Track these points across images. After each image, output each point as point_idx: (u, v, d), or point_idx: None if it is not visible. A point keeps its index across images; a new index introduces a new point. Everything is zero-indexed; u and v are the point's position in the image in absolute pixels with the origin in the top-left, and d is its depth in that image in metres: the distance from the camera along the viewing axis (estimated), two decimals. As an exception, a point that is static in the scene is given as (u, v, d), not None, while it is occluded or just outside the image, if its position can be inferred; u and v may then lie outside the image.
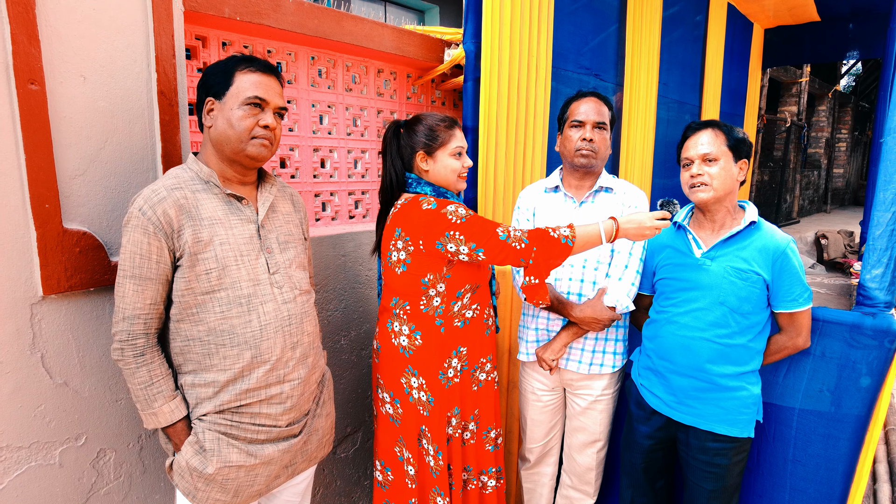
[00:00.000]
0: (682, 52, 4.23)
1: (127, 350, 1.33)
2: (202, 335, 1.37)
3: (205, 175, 1.39)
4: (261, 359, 1.41)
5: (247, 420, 1.42)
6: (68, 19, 1.38)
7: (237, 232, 1.40)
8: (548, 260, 1.62)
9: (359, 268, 2.31)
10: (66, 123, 1.40)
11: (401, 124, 1.80)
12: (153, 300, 1.35)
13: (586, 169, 1.95)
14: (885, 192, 1.76)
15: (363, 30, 2.21)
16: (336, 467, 2.37)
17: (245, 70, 1.37)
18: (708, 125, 1.75)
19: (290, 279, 1.50)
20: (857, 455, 1.81)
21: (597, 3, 3.18)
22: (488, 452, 1.88)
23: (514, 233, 1.61)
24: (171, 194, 1.32)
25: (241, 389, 1.40)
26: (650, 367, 1.87)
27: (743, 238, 1.73)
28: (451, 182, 1.77)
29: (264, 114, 1.39)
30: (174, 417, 1.38)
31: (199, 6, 1.69)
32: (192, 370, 1.40)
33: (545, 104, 2.72)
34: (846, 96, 14.16)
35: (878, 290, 1.77)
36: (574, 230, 1.63)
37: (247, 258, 1.40)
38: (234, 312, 1.38)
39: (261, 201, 1.48)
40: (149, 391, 1.35)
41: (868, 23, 5.06)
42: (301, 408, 1.53)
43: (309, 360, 1.53)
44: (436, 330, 1.72)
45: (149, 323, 1.36)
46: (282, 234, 1.51)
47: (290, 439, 1.51)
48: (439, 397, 1.74)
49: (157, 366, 1.37)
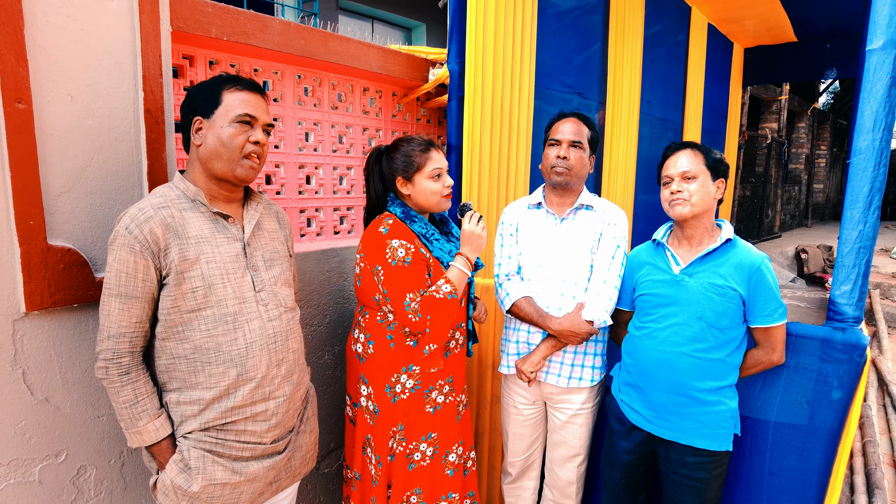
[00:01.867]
0: (665, 71, 4.32)
1: (112, 368, 1.33)
2: (188, 353, 1.38)
3: (191, 193, 1.40)
4: (246, 376, 1.42)
5: (232, 437, 1.43)
6: (56, 39, 1.40)
7: (223, 250, 1.41)
8: (443, 323, 1.71)
9: (343, 283, 2.33)
10: (52, 141, 1.42)
11: (382, 150, 1.87)
12: (139, 318, 1.35)
13: (563, 186, 2.00)
14: (853, 210, 1.81)
15: (349, 49, 2.25)
16: (319, 483, 2.36)
17: (232, 89, 1.39)
18: (687, 146, 1.82)
19: (276, 297, 1.51)
20: (830, 467, 1.85)
21: (580, 23, 3.25)
22: (447, 477, 1.87)
23: (413, 305, 1.68)
24: (158, 213, 1.33)
25: (227, 407, 1.40)
26: (630, 382, 1.90)
27: (720, 255, 1.77)
28: (434, 203, 1.82)
29: (254, 130, 1.41)
30: (159, 436, 1.38)
31: (187, 26, 1.72)
32: (177, 388, 1.40)
33: (528, 122, 2.77)
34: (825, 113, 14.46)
35: (847, 306, 1.82)
36: (450, 281, 1.73)
37: (233, 276, 1.41)
38: (220, 330, 1.38)
39: (247, 219, 1.50)
40: (133, 410, 1.35)
41: (844, 43, 5.22)
42: (286, 425, 1.53)
43: (294, 377, 1.54)
44: (386, 344, 1.78)
45: (134, 341, 1.36)
46: (267, 252, 1.52)
47: (275, 456, 1.52)
48: (384, 410, 1.78)
49: (142, 384, 1.37)
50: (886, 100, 1.77)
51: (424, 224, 1.81)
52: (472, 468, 1.98)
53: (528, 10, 2.71)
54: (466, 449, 1.95)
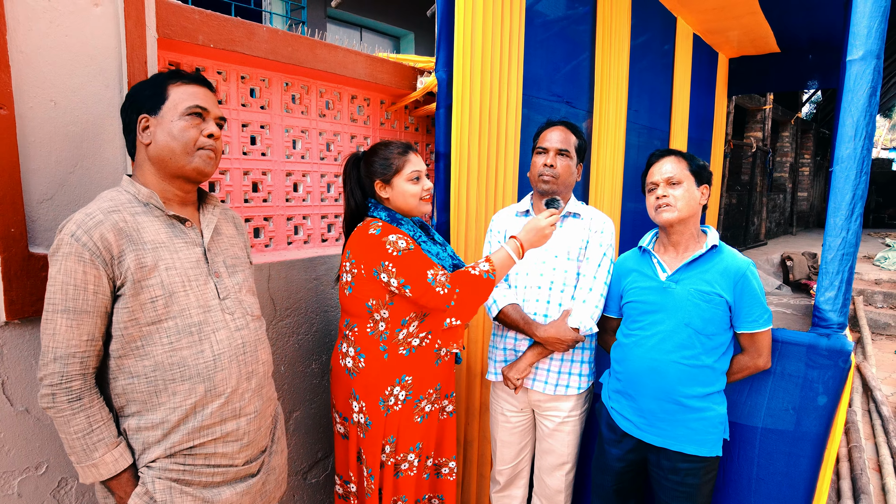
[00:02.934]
0: (652, 80, 4.37)
1: (60, 395, 1.19)
2: (148, 371, 1.25)
3: (144, 196, 1.30)
4: (215, 392, 1.31)
5: (201, 462, 1.31)
6: (39, 45, 1.39)
7: (183, 256, 1.31)
8: (471, 299, 1.68)
9: (331, 291, 2.32)
10: (34, 148, 1.40)
11: (360, 156, 1.86)
12: (91, 336, 1.22)
13: (550, 194, 2.01)
14: (836, 217, 1.84)
15: (337, 57, 2.25)
16: (307, 493, 2.34)
17: (178, 83, 1.31)
18: (671, 153, 1.84)
19: (242, 304, 1.42)
20: (817, 472, 1.86)
21: (568, 32, 3.28)
22: (424, 480, 1.88)
23: (440, 278, 1.66)
24: (109, 217, 1.22)
25: (194, 428, 1.29)
26: (619, 389, 1.90)
27: (706, 261, 1.79)
28: (413, 206, 1.80)
29: (206, 123, 1.33)
30: (118, 467, 1.24)
31: (173, 33, 1.71)
32: (136, 412, 1.27)
33: (516, 131, 2.78)
34: (808, 123, 14.70)
35: (831, 312, 1.84)
36: (492, 262, 1.71)
37: (195, 283, 1.31)
38: (183, 343, 1.28)
39: (204, 223, 1.41)
40: (87, 440, 1.21)
41: (825, 54, 5.32)
42: (258, 444, 1.44)
43: (264, 391, 1.45)
44: (379, 356, 1.74)
45: (85, 362, 1.22)
46: (228, 258, 1.44)
47: (249, 479, 1.41)
48: (377, 423, 1.75)
49: (97, 410, 1.23)
50: (867, 109, 1.80)
51: (411, 226, 1.81)
52: (446, 475, 1.97)
53: (515, 19, 2.73)
54: (445, 455, 1.94)
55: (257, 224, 2.18)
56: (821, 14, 4.44)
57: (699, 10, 4.44)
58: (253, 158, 2.13)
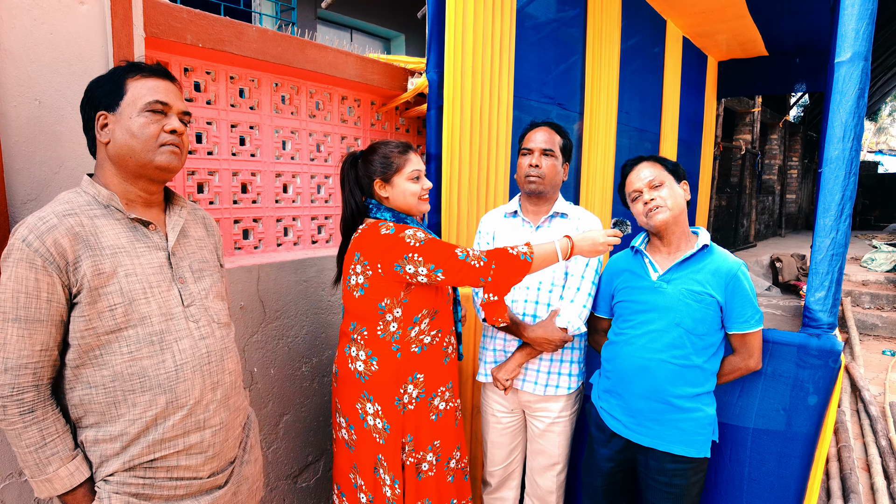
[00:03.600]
0: (642, 82, 4.40)
1: (11, 407, 1.13)
2: (106, 381, 1.20)
3: (104, 198, 1.23)
4: (177, 403, 1.25)
5: (162, 475, 1.26)
6: (24, 42, 1.37)
7: (144, 261, 1.25)
8: (507, 276, 1.65)
9: (321, 293, 2.30)
10: (18, 147, 1.38)
11: (357, 155, 1.83)
12: (44, 345, 1.16)
13: (537, 195, 2.01)
14: (825, 218, 1.85)
15: (327, 58, 2.24)
16: (297, 497, 2.31)
17: (136, 77, 1.24)
18: (643, 159, 1.86)
19: (207, 311, 1.35)
20: (807, 472, 1.86)
21: (559, 35, 3.29)
22: (449, 484, 1.85)
23: (472, 252, 1.65)
24: (64, 221, 1.16)
25: (154, 440, 1.23)
26: (609, 388, 1.90)
27: (697, 261, 1.79)
28: (412, 205, 1.79)
29: (168, 119, 1.25)
30: (73, 482, 1.19)
31: (161, 32, 1.69)
32: (94, 423, 1.22)
33: (507, 132, 2.78)
34: (796, 126, 14.84)
35: (821, 312, 1.85)
36: (532, 248, 1.68)
37: (157, 290, 1.25)
38: (144, 352, 1.22)
39: (170, 226, 1.34)
40: (41, 454, 1.16)
41: (812, 58, 5.39)
42: (225, 455, 1.37)
43: (230, 402, 1.38)
44: (392, 355, 1.71)
45: (39, 372, 1.17)
46: (195, 262, 1.37)
47: (214, 491, 1.35)
48: (395, 424, 1.72)
49: (51, 423, 1.18)
50: (855, 110, 1.81)
51: (416, 225, 1.79)
52: (464, 473, 1.95)
53: (506, 21, 2.73)
54: (464, 455, 1.92)
55: (246, 225, 2.17)
56: (807, 19, 4.49)
57: (688, 13, 4.47)
58: (242, 159, 2.11)
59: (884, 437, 3.48)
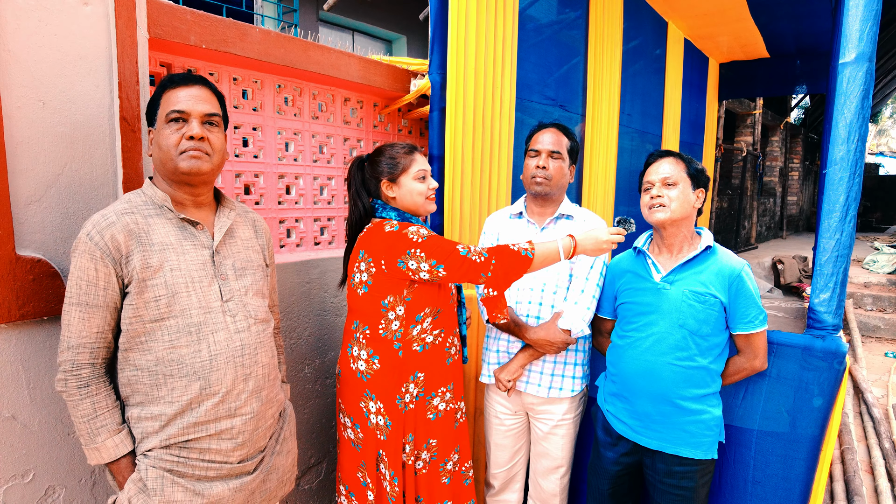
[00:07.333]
0: (643, 84, 4.39)
1: (71, 381, 1.28)
2: (150, 365, 1.32)
3: (159, 199, 1.36)
4: (210, 390, 1.35)
5: (195, 456, 1.35)
6: (28, 44, 1.37)
7: (189, 258, 1.36)
8: (508, 272, 1.66)
9: (324, 295, 2.30)
10: (22, 148, 1.37)
11: (364, 159, 1.86)
12: (100, 328, 1.30)
13: (543, 196, 2.01)
14: (829, 219, 1.84)
15: (330, 59, 2.24)
16: (300, 499, 2.31)
17: (167, 90, 1.36)
18: (670, 154, 1.84)
19: (245, 307, 1.44)
20: (812, 474, 1.86)
21: (560, 37, 3.29)
22: (444, 485, 1.84)
23: (473, 248, 1.65)
24: (121, 219, 1.29)
25: (189, 423, 1.33)
26: (615, 392, 1.90)
27: (700, 262, 1.78)
28: (419, 205, 1.81)
29: (188, 125, 1.34)
30: (118, 453, 1.32)
31: (165, 34, 1.69)
32: (139, 402, 1.34)
33: (510, 134, 2.78)
34: (797, 128, 14.83)
35: (826, 314, 1.84)
36: (533, 245, 1.68)
37: (198, 285, 1.36)
38: (182, 341, 1.33)
39: (217, 226, 1.45)
40: (92, 424, 1.29)
41: (813, 60, 5.39)
42: (255, 444, 1.46)
43: (263, 394, 1.47)
44: (394, 353, 1.72)
45: (95, 352, 1.30)
46: (239, 261, 1.47)
47: (243, 477, 1.44)
48: (396, 422, 1.73)
49: (103, 398, 1.31)
50: (860, 111, 1.81)
51: (421, 224, 1.81)
52: (472, 477, 1.94)
53: (508, 23, 2.73)
54: (465, 458, 1.91)
55: (249, 227, 2.16)
56: (808, 21, 4.49)
57: (690, 15, 4.47)
58: (245, 161, 2.11)
59: (887, 440, 3.47)
